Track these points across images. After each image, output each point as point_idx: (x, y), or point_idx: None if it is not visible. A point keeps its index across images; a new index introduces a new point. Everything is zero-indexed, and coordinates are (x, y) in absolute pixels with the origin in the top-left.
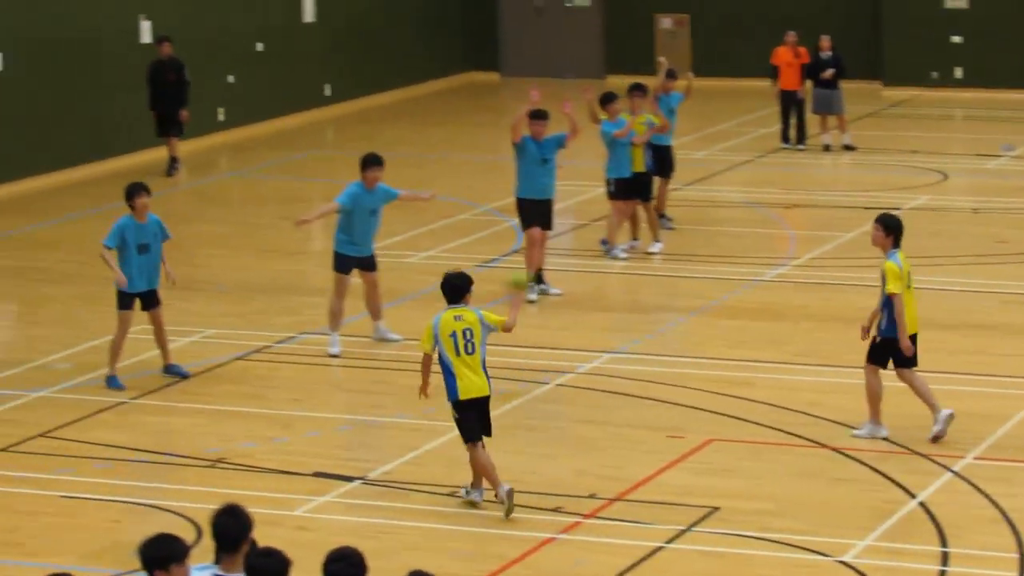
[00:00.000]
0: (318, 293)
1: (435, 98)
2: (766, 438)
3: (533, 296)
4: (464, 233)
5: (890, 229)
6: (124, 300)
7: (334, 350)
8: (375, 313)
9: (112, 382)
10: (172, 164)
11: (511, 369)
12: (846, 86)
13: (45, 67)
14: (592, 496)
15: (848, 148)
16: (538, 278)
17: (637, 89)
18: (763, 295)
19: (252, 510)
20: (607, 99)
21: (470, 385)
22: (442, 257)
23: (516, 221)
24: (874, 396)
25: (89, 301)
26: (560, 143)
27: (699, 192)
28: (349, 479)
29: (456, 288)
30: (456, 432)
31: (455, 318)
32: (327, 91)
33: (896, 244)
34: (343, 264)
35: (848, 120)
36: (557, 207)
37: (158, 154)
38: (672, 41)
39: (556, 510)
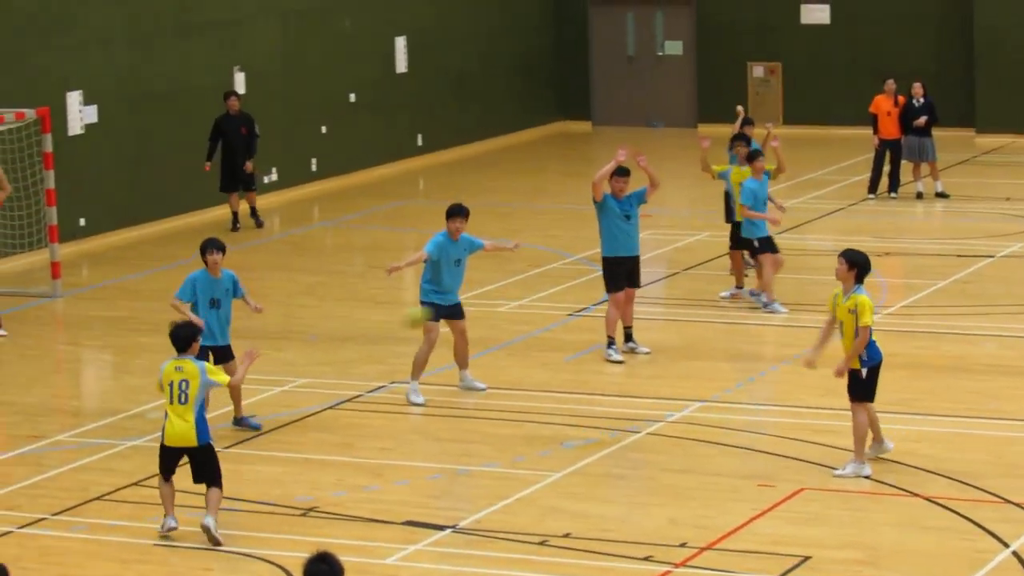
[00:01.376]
0: (407, 342)
1: (526, 147)
2: (857, 487)
3: (618, 357)
4: (555, 282)
5: (854, 264)
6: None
7: (416, 399)
8: (462, 362)
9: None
10: (252, 214)
11: (601, 418)
12: (938, 134)
13: (139, 119)
14: (683, 545)
15: (941, 196)
16: (627, 336)
17: (740, 139)
18: None
19: (343, 559)
20: (752, 156)
21: (173, 433)
22: (533, 306)
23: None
24: (862, 433)
25: None
26: (641, 199)
27: (790, 240)
28: (440, 528)
29: (181, 339)
30: (546, 481)
31: (176, 368)
32: (419, 141)
33: (859, 280)
34: (433, 314)
35: (940, 168)
36: (646, 256)
37: (245, 207)
38: (764, 89)
39: (647, 559)
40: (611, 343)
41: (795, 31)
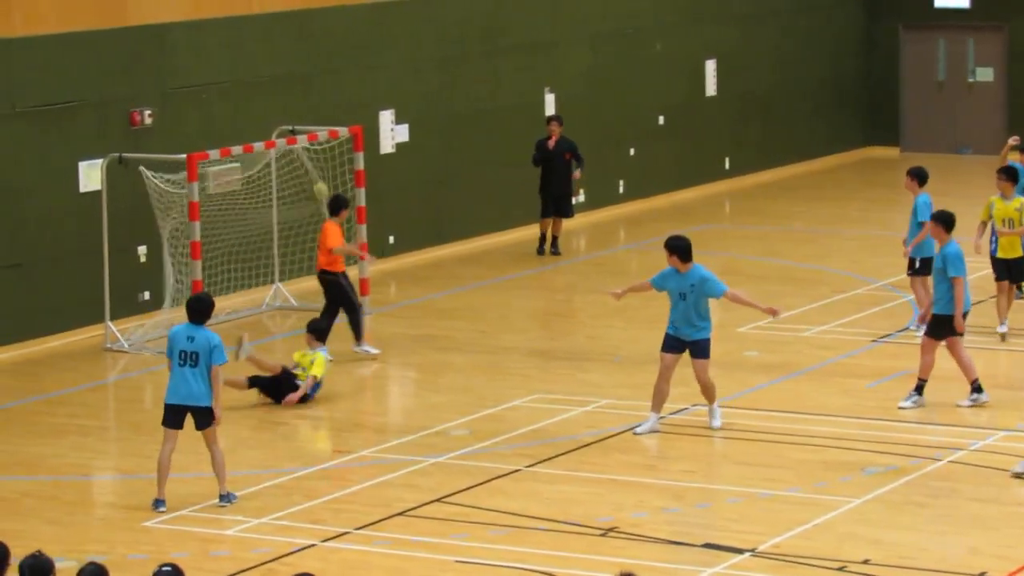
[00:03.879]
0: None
1: (832, 173)
2: None
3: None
4: (858, 308)
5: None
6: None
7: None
8: (707, 397)
9: None
10: (553, 243)
11: (902, 444)
12: None
13: (447, 138)
14: (983, 574)
15: None
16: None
17: (1004, 173)
18: None
19: None
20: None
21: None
22: (836, 331)
23: (911, 297)
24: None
25: (488, 370)
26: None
27: None
28: (739, 551)
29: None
30: (846, 507)
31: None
32: (726, 164)
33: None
34: (664, 343)
35: None
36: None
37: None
38: None
39: None
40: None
41: None
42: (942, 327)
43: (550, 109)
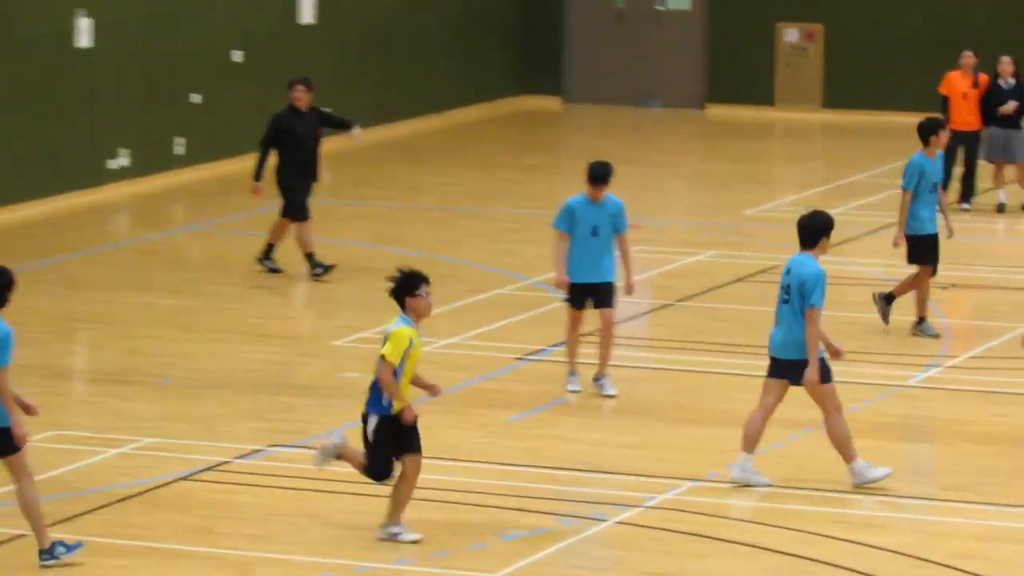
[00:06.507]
0: (297, 392)
1: (473, 130)
2: None
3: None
4: (502, 313)
5: None
6: None
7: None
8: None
9: None
10: (311, 259)
11: (557, 499)
12: None
13: None
14: None
15: None
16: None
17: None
18: (906, 406)
19: None
20: None
21: None
22: (471, 345)
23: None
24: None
25: None
26: None
27: (824, 264)
28: None
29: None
30: None
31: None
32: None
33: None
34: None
35: None
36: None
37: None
38: (799, 60)
39: None
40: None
41: None
42: None
43: (85, 40)
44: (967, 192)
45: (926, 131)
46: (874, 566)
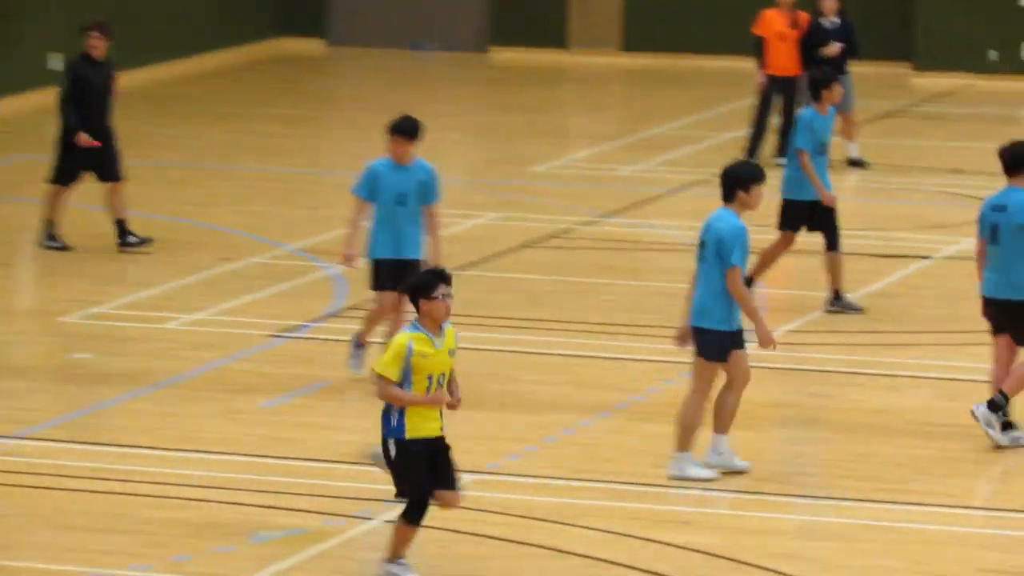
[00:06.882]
0: (29, 376)
1: (221, 78)
2: None
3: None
4: (252, 286)
5: None
6: None
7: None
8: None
9: None
10: (121, 229)
11: (320, 496)
12: (858, 70)
13: None
14: None
15: (856, 164)
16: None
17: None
18: None
19: None
20: None
21: None
22: (218, 321)
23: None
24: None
25: None
26: None
27: (623, 228)
28: None
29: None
30: None
31: None
32: (48, 63)
33: None
34: (377, 277)
35: (858, 122)
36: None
37: None
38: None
39: None
40: None
41: None
42: None
43: None
44: (785, 146)
45: (817, 85)
46: (680, 568)
